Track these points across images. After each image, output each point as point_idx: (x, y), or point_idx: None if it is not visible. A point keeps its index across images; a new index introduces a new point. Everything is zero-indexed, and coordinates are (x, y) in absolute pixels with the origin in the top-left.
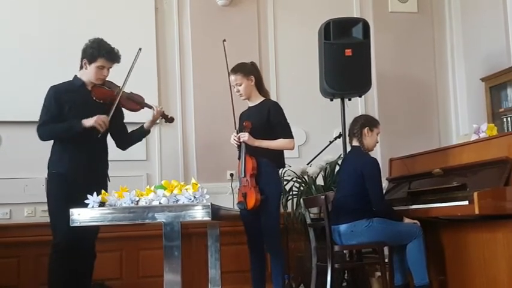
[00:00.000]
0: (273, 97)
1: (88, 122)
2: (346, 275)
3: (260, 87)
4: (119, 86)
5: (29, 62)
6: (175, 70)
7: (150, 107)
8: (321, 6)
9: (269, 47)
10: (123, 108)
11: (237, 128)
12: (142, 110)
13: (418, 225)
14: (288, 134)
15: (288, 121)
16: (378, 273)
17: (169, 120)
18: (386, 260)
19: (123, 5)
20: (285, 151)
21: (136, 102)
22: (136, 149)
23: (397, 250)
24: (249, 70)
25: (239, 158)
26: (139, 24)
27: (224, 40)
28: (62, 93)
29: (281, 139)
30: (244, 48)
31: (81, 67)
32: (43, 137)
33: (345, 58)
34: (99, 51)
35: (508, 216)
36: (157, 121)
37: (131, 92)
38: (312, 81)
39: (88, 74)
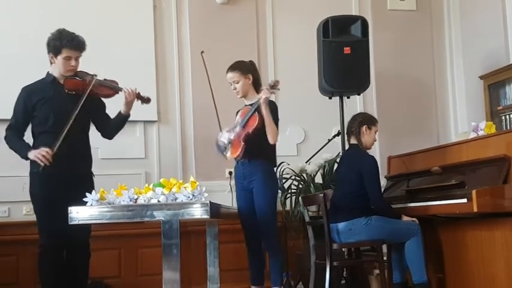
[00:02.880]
0: (272, 95)
1: (30, 155)
2: (344, 272)
3: (257, 86)
4: (92, 75)
5: (28, 60)
6: (173, 68)
7: (124, 91)
8: (319, 4)
9: (267, 44)
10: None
11: (223, 128)
12: (117, 94)
13: (417, 223)
14: (264, 135)
15: (284, 120)
16: (377, 271)
17: (146, 101)
18: (384, 258)
19: (122, 3)
20: (278, 148)
21: (109, 87)
22: (135, 147)
23: (395, 248)
24: (247, 68)
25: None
26: (138, 22)
27: (202, 52)
28: (31, 93)
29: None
30: (242, 46)
31: (51, 62)
32: (4, 140)
33: (344, 56)
34: (61, 42)
35: (506, 214)
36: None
37: (104, 79)
38: (310, 79)
39: (57, 68)
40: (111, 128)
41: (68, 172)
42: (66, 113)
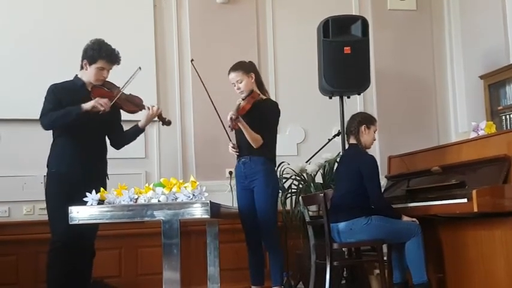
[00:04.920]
0: (272, 94)
1: (87, 105)
2: (345, 272)
3: (260, 85)
4: (119, 87)
5: (29, 60)
6: (173, 68)
7: (148, 108)
8: (319, 4)
9: (268, 44)
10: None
11: (232, 140)
12: (140, 111)
13: (417, 223)
14: (265, 134)
15: (284, 119)
16: (377, 271)
17: (167, 123)
18: (385, 258)
19: (122, 3)
20: (278, 148)
21: (134, 104)
22: (135, 147)
23: (395, 248)
24: (248, 67)
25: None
26: (138, 22)
27: (192, 60)
28: (61, 91)
29: (259, 135)
30: (242, 45)
31: (82, 67)
32: (45, 125)
33: (344, 56)
34: (100, 53)
35: (506, 214)
36: (156, 119)
37: (130, 94)
38: (310, 79)
39: (88, 75)
40: (123, 139)
41: (85, 174)
42: (90, 120)
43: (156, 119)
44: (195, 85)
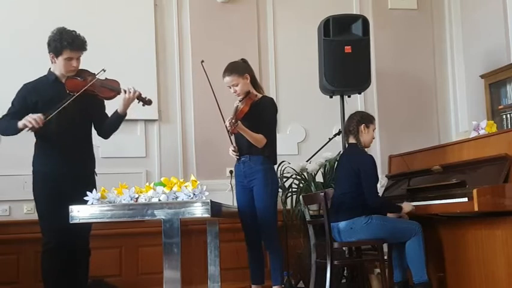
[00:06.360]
0: (273, 94)
1: (20, 123)
2: (345, 271)
3: (255, 83)
4: (94, 74)
5: (29, 59)
6: (174, 67)
7: (124, 91)
8: (320, 3)
9: (268, 43)
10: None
11: (233, 143)
12: (118, 96)
13: (417, 223)
14: (267, 133)
15: (285, 118)
16: (377, 270)
17: (147, 102)
18: (385, 257)
19: (123, 2)
20: (279, 147)
21: (110, 89)
22: (136, 146)
23: (396, 247)
24: (242, 69)
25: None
26: (139, 21)
27: (202, 61)
28: (32, 91)
29: (261, 135)
30: (243, 44)
31: (52, 61)
32: None
33: (345, 55)
34: (61, 43)
35: (507, 213)
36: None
37: (106, 78)
38: (311, 78)
39: (58, 68)
40: (109, 127)
41: (71, 171)
42: (68, 114)
43: (136, 101)
44: (196, 84)
